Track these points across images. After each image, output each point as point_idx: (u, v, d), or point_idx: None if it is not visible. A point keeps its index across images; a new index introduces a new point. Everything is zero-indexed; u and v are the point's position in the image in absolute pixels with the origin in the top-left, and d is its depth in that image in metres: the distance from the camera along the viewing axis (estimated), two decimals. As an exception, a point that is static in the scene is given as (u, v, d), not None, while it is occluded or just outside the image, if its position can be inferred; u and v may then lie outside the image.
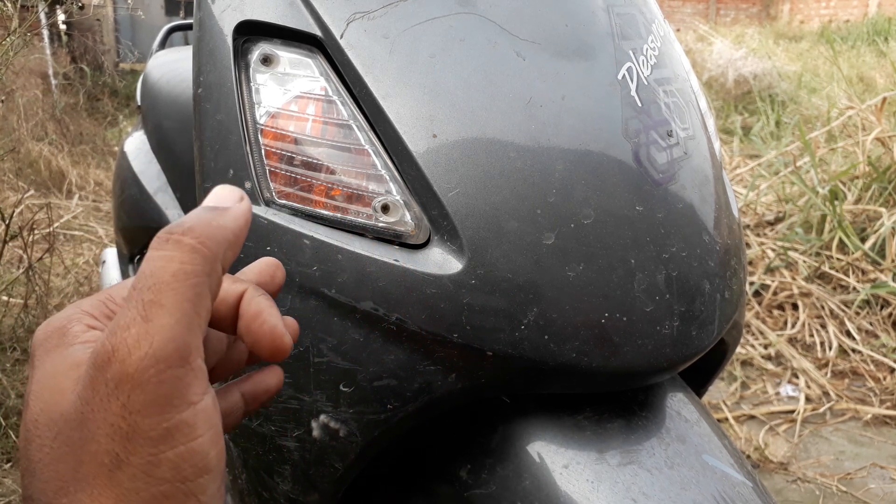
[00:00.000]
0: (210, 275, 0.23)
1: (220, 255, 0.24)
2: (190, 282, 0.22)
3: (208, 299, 0.23)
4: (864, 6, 10.10)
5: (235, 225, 0.25)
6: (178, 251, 0.23)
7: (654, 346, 0.43)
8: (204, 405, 0.22)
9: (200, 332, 0.23)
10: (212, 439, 0.22)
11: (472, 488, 0.44)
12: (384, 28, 0.44)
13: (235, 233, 0.25)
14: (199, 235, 0.23)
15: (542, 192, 0.42)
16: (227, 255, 0.24)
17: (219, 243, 0.24)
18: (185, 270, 0.22)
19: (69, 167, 3.41)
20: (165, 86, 1.14)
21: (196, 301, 0.22)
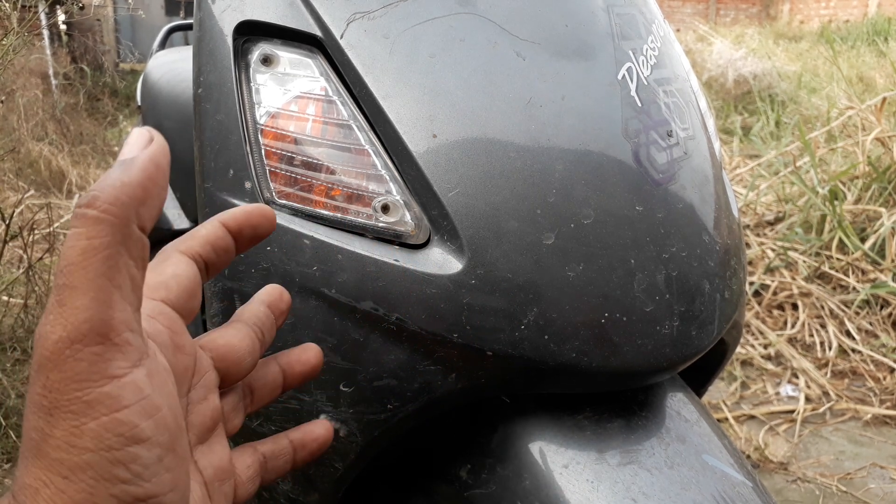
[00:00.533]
0: (125, 242, 0.22)
1: (131, 217, 0.22)
2: (99, 256, 0.21)
3: (129, 268, 0.22)
4: (864, 6, 10.10)
5: (143, 176, 0.23)
6: (84, 226, 0.22)
7: (654, 346, 0.43)
8: (131, 378, 0.22)
9: (126, 304, 0.22)
10: (143, 409, 0.22)
11: (472, 488, 0.44)
12: (384, 28, 0.44)
13: (144, 184, 0.23)
14: (103, 203, 0.22)
15: (542, 192, 0.42)
16: (143, 212, 0.23)
17: (126, 205, 0.22)
18: (92, 246, 0.21)
19: (69, 167, 3.41)
20: (165, 86, 1.14)
21: (111, 274, 0.22)
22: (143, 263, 0.23)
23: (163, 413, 0.23)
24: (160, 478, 0.22)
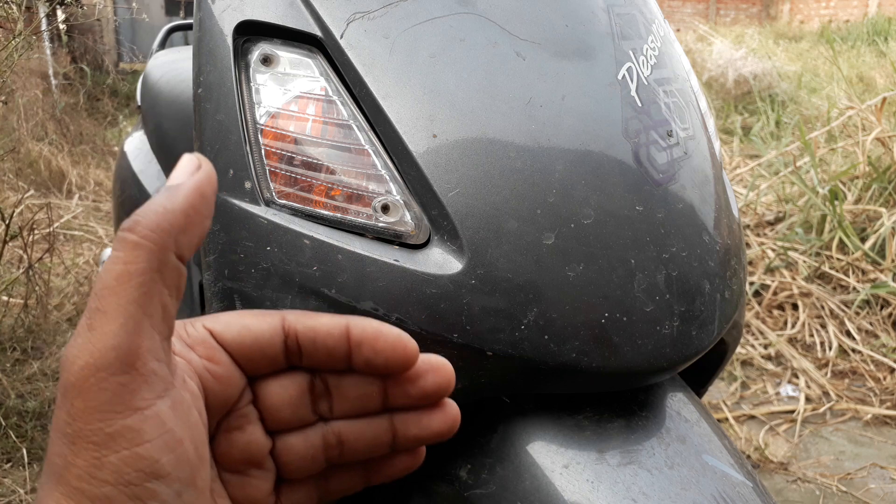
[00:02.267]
0: (161, 270, 0.22)
1: (170, 245, 0.22)
2: (133, 282, 0.21)
3: (162, 296, 0.22)
4: (864, 6, 10.10)
5: (186, 203, 0.23)
6: (123, 251, 0.22)
7: (654, 346, 0.43)
8: (155, 410, 0.22)
9: (155, 333, 0.22)
10: (164, 444, 0.22)
11: (472, 488, 0.44)
12: (384, 28, 0.44)
13: (187, 212, 0.23)
14: (143, 228, 0.22)
15: (542, 192, 0.42)
16: (183, 240, 0.22)
17: (166, 232, 0.22)
18: (128, 271, 0.21)
19: (69, 167, 3.41)
20: (165, 86, 1.14)
21: (143, 301, 0.21)
22: (177, 293, 0.23)
23: (184, 447, 0.22)
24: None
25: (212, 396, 0.27)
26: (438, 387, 0.29)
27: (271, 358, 0.28)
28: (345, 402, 0.29)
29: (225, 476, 0.28)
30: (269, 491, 0.29)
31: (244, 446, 0.28)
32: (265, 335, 0.28)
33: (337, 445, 0.30)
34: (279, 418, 0.29)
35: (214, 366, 0.27)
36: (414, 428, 0.30)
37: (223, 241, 0.44)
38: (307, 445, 0.29)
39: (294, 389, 0.29)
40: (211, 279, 0.45)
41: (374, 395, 0.29)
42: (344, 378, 0.29)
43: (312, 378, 0.29)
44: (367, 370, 0.28)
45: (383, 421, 0.30)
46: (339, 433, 0.30)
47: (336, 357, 0.28)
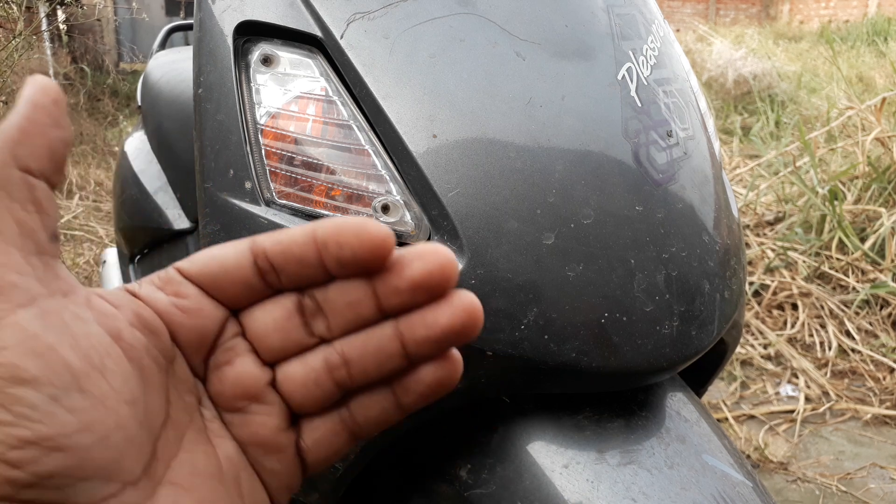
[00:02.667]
0: (4, 187, 0.22)
1: (6, 161, 0.22)
2: None
3: (13, 212, 0.23)
4: (864, 6, 10.11)
5: (18, 117, 0.23)
6: None
7: (654, 346, 0.44)
8: (14, 319, 0.22)
9: (12, 248, 0.22)
10: (27, 350, 0.21)
11: (472, 488, 0.44)
12: (384, 28, 0.45)
13: (20, 125, 0.23)
14: None
15: (542, 192, 0.42)
16: (21, 151, 0.23)
17: (1, 148, 0.22)
18: None
19: (69, 167, 3.41)
20: (166, 86, 1.14)
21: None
22: (33, 205, 0.23)
23: (58, 353, 0.22)
24: (58, 419, 0.21)
25: (184, 331, 0.26)
26: (429, 273, 0.26)
27: (244, 282, 0.27)
28: (338, 316, 0.27)
29: (227, 417, 0.27)
30: (279, 427, 0.28)
31: (235, 380, 0.27)
32: (231, 259, 0.27)
33: (343, 365, 0.28)
34: (271, 346, 0.28)
35: (181, 300, 0.26)
36: (420, 328, 0.27)
37: (223, 241, 0.44)
38: (307, 370, 0.28)
39: (279, 312, 0.27)
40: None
41: (364, 300, 0.27)
42: (330, 289, 0.27)
43: (300, 298, 0.28)
44: (343, 271, 0.26)
45: (386, 328, 0.27)
46: (341, 351, 0.28)
47: (308, 264, 0.26)
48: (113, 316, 0.24)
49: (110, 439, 0.22)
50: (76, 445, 0.21)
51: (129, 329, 0.25)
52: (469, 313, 0.26)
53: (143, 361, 0.25)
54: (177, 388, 0.26)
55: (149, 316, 0.26)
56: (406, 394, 0.28)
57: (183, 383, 0.27)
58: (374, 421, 0.28)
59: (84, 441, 0.22)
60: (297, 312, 0.27)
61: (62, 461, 0.21)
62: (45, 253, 0.23)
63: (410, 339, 0.27)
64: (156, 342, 0.26)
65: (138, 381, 0.24)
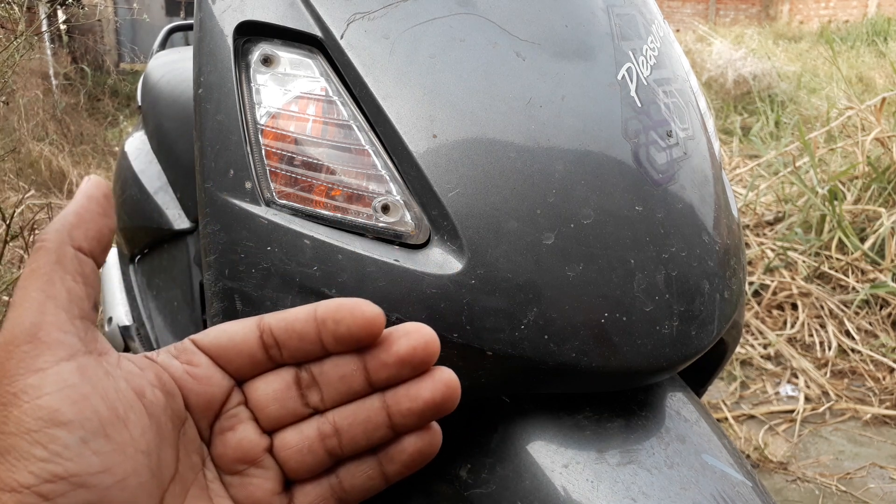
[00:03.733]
0: (60, 261, 0.26)
1: (65, 240, 0.27)
2: (35, 276, 0.26)
3: (65, 282, 0.26)
4: (864, 6, 10.11)
5: (75, 206, 0.28)
6: (32, 255, 0.27)
7: (654, 345, 0.44)
8: (56, 370, 0.24)
9: (60, 311, 0.26)
10: (65, 396, 0.24)
11: (472, 488, 0.44)
12: (384, 28, 0.45)
13: (77, 213, 0.28)
14: (44, 234, 0.27)
15: (542, 192, 0.42)
16: (77, 234, 0.27)
17: (59, 231, 0.27)
18: (32, 269, 0.26)
19: (70, 167, 3.41)
20: (166, 86, 1.14)
21: (45, 288, 0.26)
22: (81, 278, 0.27)
23: (91, 402, 0.24)
24: (85, 459, 0.24)
25: (194, 396, 0.29)
26: (413, 349, 0.29)
27: (250, 355, 0.30)
28: (331, 388, 0.30)
29: (227, 479, 0.30)
30: (273, 490, 0.30)
31: (237, 445, 0.30)
32: (240, 334, 0.30)
33: (334, 434, 0.30)
34: (269, 415, 0.30)
35: (193, 368, 0.30)
36: (405, 400, 0.29)
37: (223, 242, 0.44)
38: (301, 438, 0.30)
39: (278, 384, 0.30)
40: (211, 279, 0.45)
41: (355, 374, 0.30)
42: (325, 363, 0.30)
43: (298, 371, 0.30)
44: (339, 347, 0.29)
45: (374, 400, 0.30)
46: (333, 421, 0.30)
47: (308, 340, 0.29)
48: (139, 375, 0.28)
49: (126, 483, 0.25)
50: (98, 484, 0.24)
51: (151, 389, 0.28)
52: (448, 386, 0.29)
53: (160, 418, 0.27)
54: (186, 447, 0.29)
55: (167, 380, 0.29)
56: (390, 462, 0.31)
57: (191, 443, 0.29)
58: (359, 488, 0.31)
59: (105, 481, 0.24)
60: (294, 384, 0.30)
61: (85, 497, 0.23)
62: (87, 318, 0.27)
63: (396, 410, 0.29)
64: (172, 403, 0.29)
65: (155, 434, 0.27)
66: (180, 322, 0.96)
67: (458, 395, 0.29)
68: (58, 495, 0.23)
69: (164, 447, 0.27)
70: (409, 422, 0.30)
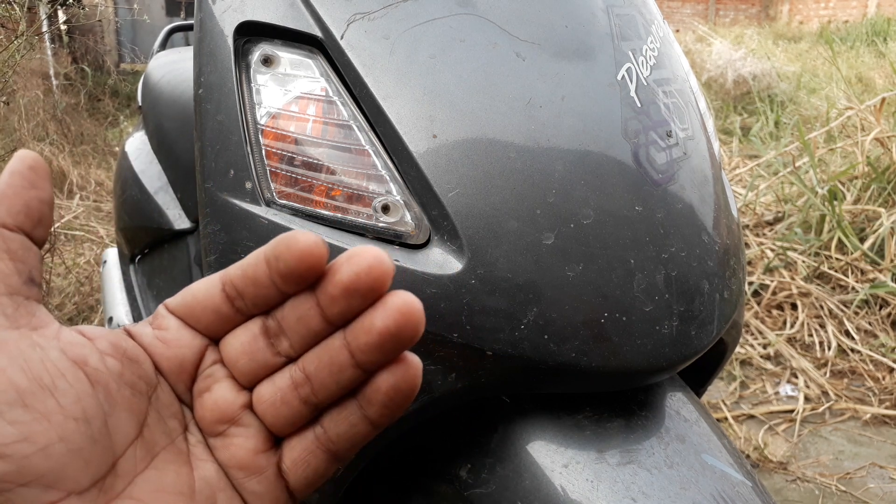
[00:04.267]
0: None
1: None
2: None
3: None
4: (864, 7, 10.11)
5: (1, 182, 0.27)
6: None
7: (654, 345, 0.44)
8: None
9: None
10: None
11: (472, 488, 0.44)
12: (384, 29, 0.45)
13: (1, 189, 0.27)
14: None
15: (542, 192, 0.42)
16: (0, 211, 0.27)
17: None
18: None
19: (70, 167, 3.41)
20: (166, 86, 1.14)
21: None
22: (7, 255, 0.27)
23: (7, 375, 0.25)
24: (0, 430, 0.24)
25: (165, 361, 0.29)
26: (356, 276, 0.26)
27: (214, 310, 0.29)
28: (293, 333, 0.29)
29: (210, 441, 0.30)
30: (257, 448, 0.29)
31: (213, 406, 0.29)
32: (204, 290, 0.29)
33: (305, 382, 0.29)
34: (242, 370, 0.29)
35: (163, 332, 0.29)
36: (361, 334, 0.27)
37: (224, 242, 0.44)
38: (275, 390, 0.29)
39: (246, 336, 0.29)
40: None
41: (311, 313, 0.28)
42: (285, 307, 0.29)
43: (265, 320, 0.29)
44: (287, 285, 0.28)
45: (335, 339, 0.28)
46: (303, 367, 0.29)
47: (262, 284, 0.28)
48: (81, 345, 0.27)
49: (51, 450, 0.25)
50: (15, 453, 0.24)
51: (99, 356, 0.27)
52: (403, 313, 0.26)
53: (109, 385, 0.27)
54: (160, 412, 0.29)
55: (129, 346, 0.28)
56: (369, 404, 0.29)
57: (167, 408, 0.29)
58: (346, 437, 0.29)
59: (23, 450, 0.24)
60: (262, 335, 0.29)
61: (2, 467, 0.23)
62: (17, 294, 0.26)
63: (355, 347, 0.27)
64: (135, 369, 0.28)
65: (98, 401, 0.26)
66: (180, 322, 0.96)
67: (418, 321, 0.27)
68: None
69: (117, 413, 0.27)
70: (372, 357, 0.27)
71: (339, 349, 0.28)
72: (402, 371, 0.28)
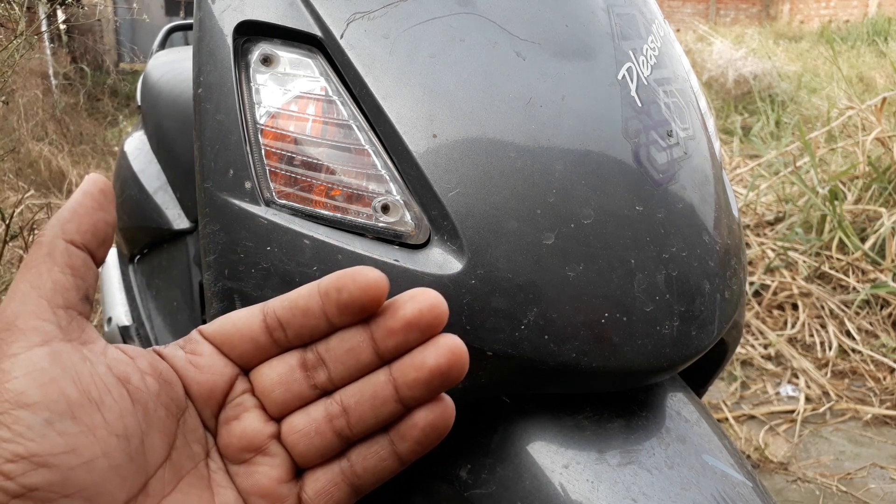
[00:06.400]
0: (50, 253, 0.27)
1: (56, 234, 0.28)
2: (27, 268, 0.27)
3: (52, 273, 0.27)
4: (864, 6, 10.11)
5: (71, 202, 0.29)
6: (28, 253, 0.28)
7: (654, 346, 0.43)
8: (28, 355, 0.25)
9: (42, 301, 0.26)
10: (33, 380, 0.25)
11: (472, 488, 0.44)
12: (384, 28, 0.45)
13: (71, 207, 0.29)
14: (41, 232, 0.28)
15: (542, 192, 0.42)
16: (69, 227, 0.28)
17: (52, 226, 0.28)
18: (25, 263, 0.27)
19: (69, 167, 3.41)
20: (165, 86, 1.14)
21: (31, 279, 0.27)
22: (70, 269, 0.28)
23: (60, 385, 0.25)
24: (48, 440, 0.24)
25: (196, 385, 0.30)
26: (420, 312, 0.28)
27: (252, 339, 0.30)
28: (339, 364, 0.29)
29: (233, 469, 0.30)
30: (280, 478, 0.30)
31: (241, 434, 0.30)
32: (243, 319, 0.30)
33: (341, 414, 0.29)
34: (275, 400, 0.30)
35: (196, 357, 0.30)
36: (411, 370, 0.28)
37: (223, 242, 0.44)
38: (309, 421, 0.30)
39: (282, 367, 0.30)
40: (211, 279, 0.45)
41: (362, 345, 0.29)
42: (331, 340, 0.30)
43: (303, 353, 0.30)
44: (343, 317, 0.29)
45: (380, 375, 0.29)
46: (340, 401, 0.29)
47: (312, 315, 0.29)
48: (125, 363, 0.28)
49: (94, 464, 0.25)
50: (61, 464, 0.24)
51: (140, 376, 0.28)
52: (455, 353, 0.29)
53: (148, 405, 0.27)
54: (186, 436, 0.29)
55: (164, 368, 0.29)
56: (402, 441, 0.30)
57: (192, 433, 0.29)
58: (372, 471, 0.30)
59: (69, 462, 0.24)
60: (299, 367, 0.30)
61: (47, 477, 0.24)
62: (73, 308, 0.28)
63: (402, 382, 0.29)
64: (169, 391, 0.29)
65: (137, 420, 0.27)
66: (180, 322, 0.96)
67: (465, 362, 0.29)
68: (19, 474, 0.23)
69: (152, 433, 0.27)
70: (416, 393, 0.29)
71: (384, 384, 0.29)
72: (440, 409, 0.30)
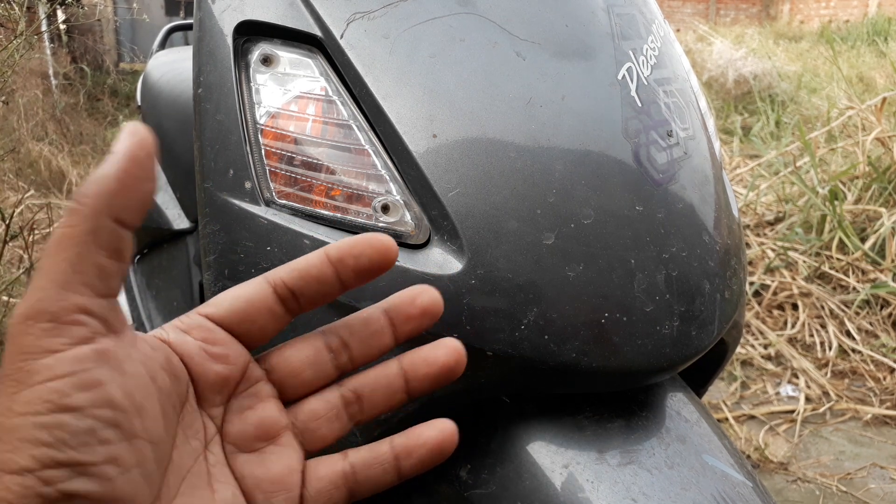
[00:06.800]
0: (95, 232, 0.23)
1: (103, 208, 0.23)
2: (67, 243, 0.23)
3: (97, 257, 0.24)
4: (864, 6, 10.11)
5: (118, 168, 0.24)
6: (66, 216, 0.24)
7: (654, 346, 0.43)
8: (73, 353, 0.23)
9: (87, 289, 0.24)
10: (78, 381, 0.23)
11: (472, 488, 0.44)
12: (384, 28, 0.45)
13: (119, 177, 0.24)
14: (81, 195, 0.23)
15: (542, 192, 0.42)
16: (117, 203, 0.24)
17: (98, 196, 0.23)
18: (64, 234, 0.23)
19: (69, 167, 3.41)
20: (165, 86, 1.14)
21: (75, 260, 0.23)
22: (116, 255, 0.24)
23: (105, 389, 0.23)
24: (90, 448, 0.23)
25: (213, 375, 0.29)
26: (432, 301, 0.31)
27: (270, 310, 0.29)
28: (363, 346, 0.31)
29: (241, 457, 0.30)
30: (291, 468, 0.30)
31: (258, 422, 0.30)
32: (254, 292, 0.29)
33: (356, 400, 0.31)
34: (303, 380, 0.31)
35: (212, 346, 0.29)
36: (423, 365, 0.31)
37: (223, 242, 0.44)
38: (329, 406, 0.31)
39: (309, 349, 0.31)
40: (211, 279, 0.45)
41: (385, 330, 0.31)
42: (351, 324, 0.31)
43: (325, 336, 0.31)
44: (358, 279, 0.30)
45: (393, 365, 0.32)
46: (354, 388, 0.31)
47: (326, 282, 0.30)
48: (152, 358, 0.26)
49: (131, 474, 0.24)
50: (102, 474, 0.23)
51: (161, 372, 0.27)
52: (459, 354, 0.32)
53: (166, 405, 0.26)
54: (185, 432, 0.28)
55: (175, 362, 0.28)
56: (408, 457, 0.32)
57: (190, 428, 0.28)
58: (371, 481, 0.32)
59: (109, 472, 0.23)
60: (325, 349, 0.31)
61: (87, 486, 0.23)
62: (112, 295, 0.25)
63: (413, 375, 0.31)
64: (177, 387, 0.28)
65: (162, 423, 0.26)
66: (180, 322, 0.96)
67: (464, 363, 0.32)
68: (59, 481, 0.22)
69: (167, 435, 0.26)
70: (423, 386, 0.32)
71: (397, 375, 0.32)
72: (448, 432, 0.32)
